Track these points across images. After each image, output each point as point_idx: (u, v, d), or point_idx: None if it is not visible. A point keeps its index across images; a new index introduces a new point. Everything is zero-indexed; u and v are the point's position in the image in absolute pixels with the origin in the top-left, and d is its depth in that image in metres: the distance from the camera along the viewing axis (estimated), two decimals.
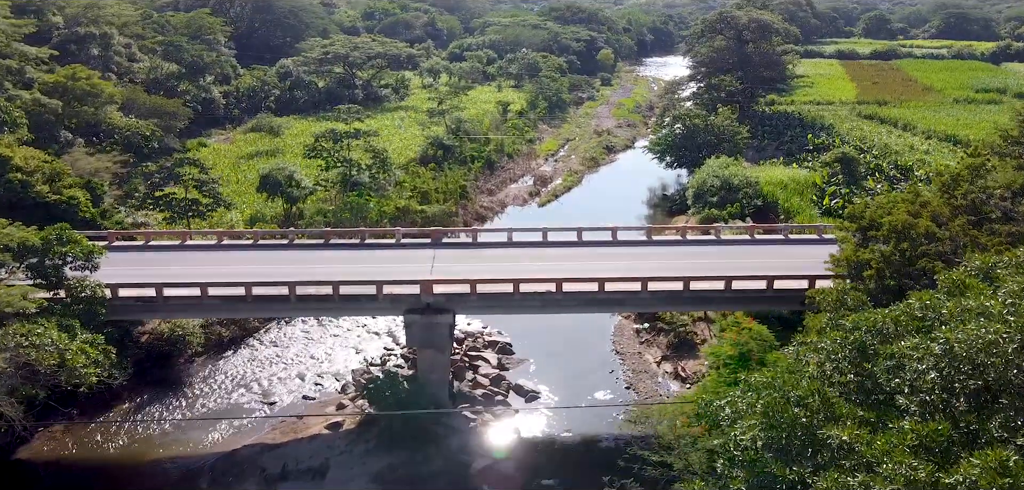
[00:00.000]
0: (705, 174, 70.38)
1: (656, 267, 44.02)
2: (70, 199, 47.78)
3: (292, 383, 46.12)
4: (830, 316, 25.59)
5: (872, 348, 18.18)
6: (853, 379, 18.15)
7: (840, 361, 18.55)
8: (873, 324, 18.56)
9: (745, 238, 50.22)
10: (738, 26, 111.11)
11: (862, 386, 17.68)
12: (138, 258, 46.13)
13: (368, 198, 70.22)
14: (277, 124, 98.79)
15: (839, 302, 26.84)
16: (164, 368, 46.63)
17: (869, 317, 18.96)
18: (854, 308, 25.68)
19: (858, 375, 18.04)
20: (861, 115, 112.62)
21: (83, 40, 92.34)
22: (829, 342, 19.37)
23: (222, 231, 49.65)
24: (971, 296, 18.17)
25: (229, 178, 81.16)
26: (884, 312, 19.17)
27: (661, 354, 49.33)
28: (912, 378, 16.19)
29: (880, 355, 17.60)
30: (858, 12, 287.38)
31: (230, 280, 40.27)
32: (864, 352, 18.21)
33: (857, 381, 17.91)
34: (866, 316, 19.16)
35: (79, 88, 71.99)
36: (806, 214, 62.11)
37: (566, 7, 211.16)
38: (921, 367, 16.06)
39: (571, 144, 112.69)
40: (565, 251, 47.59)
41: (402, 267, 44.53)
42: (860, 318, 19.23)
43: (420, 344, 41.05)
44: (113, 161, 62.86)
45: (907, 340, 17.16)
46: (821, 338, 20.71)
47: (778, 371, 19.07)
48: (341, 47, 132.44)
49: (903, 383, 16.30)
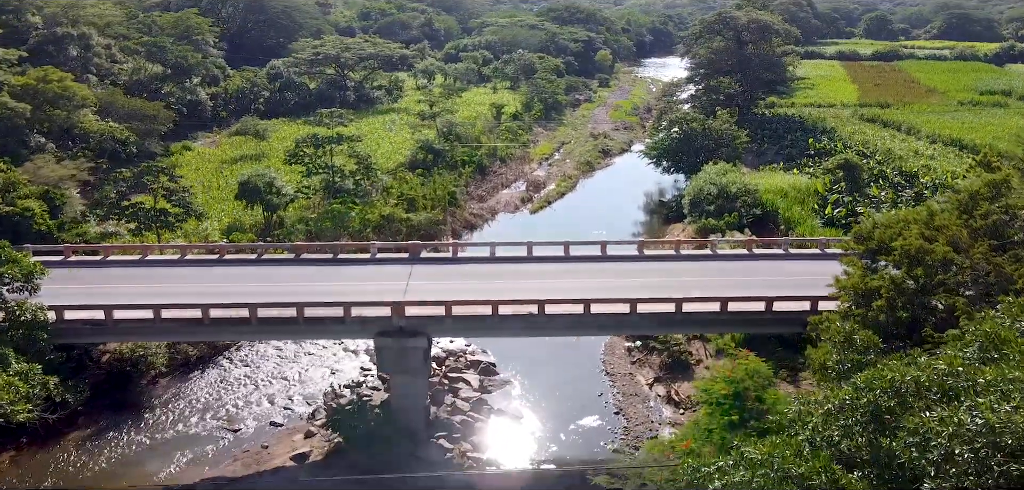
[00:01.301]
0: (702, 181, 67.52)
1: (647, 285, 41.13)
2: (24, 211, 44.98)
3: (260, 408, 43.23)
4: (837, 358, 22.74)
5: (889, 413, 15.33)
6: (866, 449, 15.32)
7: (850, 427, 15.73)
8: (889, 384, 15.71)
9: (743, 253, 47.35)
10: (737, 27, 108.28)
11: (877, 459, 14.87)
12: (94, 274, 43.23)
13: (351, 206, 67.35)
14: (263, 127, 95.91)
15: (846, 342, 23.96)
16: (124, 390, 43.75)
17: (885, 375, 16.10)
18: (863, 350, 22.83)
19: (872, 446, 15.21)
20: (863, 118, 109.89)
21: (61, 41, 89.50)
22: (837, 401, 16.51)
23: (185, 245, 46.79)
24: (1011, 353, 15.33)
25: (210, 184, 78.46)
26: (902, 369, 16.31)
27: (653, 375, 46.45)
28: (940, 457, 13.38)
29: (901, 427, 14.75)
30: (859, 12, 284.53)
31: (186, 301, 37.40)
32: (880, 419, 15.40)
33: (871, 453, 15.08)
34: (881, 374, 16.27)
35: (51, 90, 69.21)
36: (807, 225, 59.27)
37: (564, 8, 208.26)
38: (951, 445, 13.25)
39: (566, 147, 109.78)
40: (551, 267, 44.68)
41: (376, 284, 41.68)
42: (874, 376, 16.36)
43: (393, 370, 38.18)
44: (80, 168, 59.95)
45: (935, 412, 14.33)
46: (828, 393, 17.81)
47: (776, 445, 16.22)
48: (332, 48, 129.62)
49: (929, 465, 13.48)
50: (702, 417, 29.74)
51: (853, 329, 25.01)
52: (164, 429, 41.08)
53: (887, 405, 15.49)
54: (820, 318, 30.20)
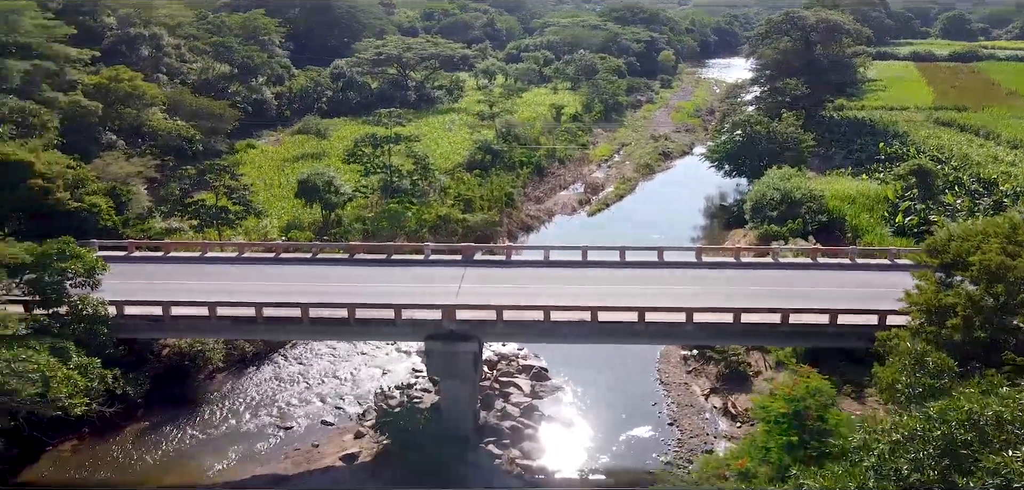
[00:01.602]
0: (765, 186, 65.41)
1: (704, 294, 39.92)
2: (91, 207, 46.16)
3: (312, 406, 43.44)
4: (907, 380, 21.32)
5: (965, 447, 14.08)
6: (938, 486, 14.09)
7: (921, 460, 14.52)
8: (966, 415, 14.44)
9: (806, 261, 45.52)
10: (805, 27, 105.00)
11: None
12: (156, 270, 44.07)
13: (407, 206, 67.48)
14: (324, 126, 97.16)
15: (917, 363, 22.48)
16: (182, 384, 44.47)
17: (961, 406, 14.81)
18: (936, 373, 21.35)
19: (946, 483, 13.99)
20: (938, 122, 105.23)
21: (133, 41, 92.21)
22: (907, 430, 15.29)
23: (243, 243, 47.36)
24: None
25: (272, 181, 79.63)
26: (981, 400, 15.00)
27: (710, 386, 45.06)
28: None
29: (979, 465, 13.52)
30: (936, 11, 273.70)
31: (241, 299, 37.74)
32: (955, 454, 14.15)
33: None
34: (957, 404, 14.98)
35: (121, 90, 71.18)
36: (876, 233, 56.78)
37: (627, 7, 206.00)
38: None
39: (626, 149, 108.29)
40: (606, 273, 43.73)
41: (428, 286, 41.42)
42: (949, 406, 15.08)
43: (442, 374, 37.84)
44: (146, 165, 61.41)
45: (1019, 451, 13.05)
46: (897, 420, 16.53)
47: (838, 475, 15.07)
48: (394, 48, 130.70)
49: None
50: (759, 434, 28.46)
51: (925, 349, 23.48)
52: (218, 424, 41.61)
53: (963, 438, 14.23)
54: (889, 334, 28.62)
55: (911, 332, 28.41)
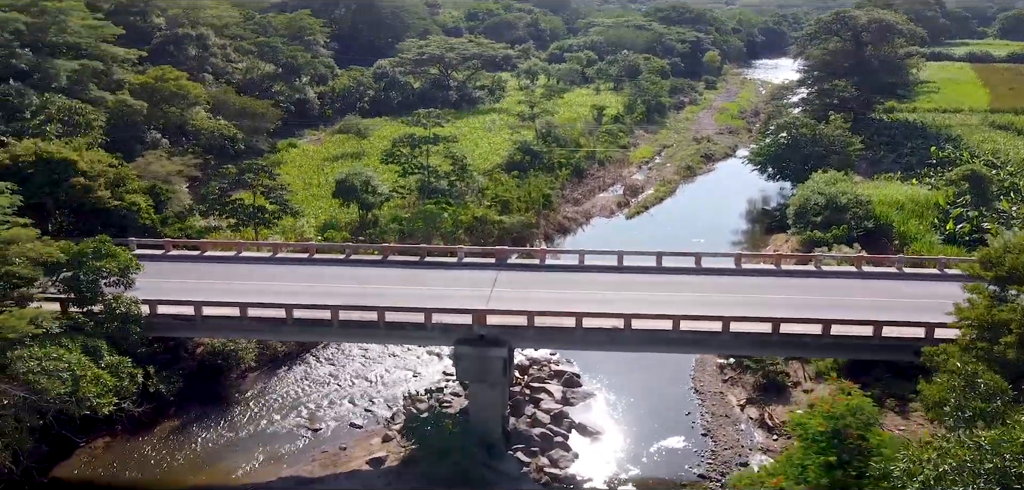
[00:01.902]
0: (809, 191, 63.56)
1: (743, 302, 38.77)
2: (131, 205, 46.79)
3: (341, 408, 43.33)
4: (955, 401, 20.10)
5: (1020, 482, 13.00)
6: None
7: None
8: (1022, 448, 13.34)
9: (851, 270, 43.93)
10: (856, 27, 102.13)
11: None
12: (191, 269, 44.40)
13: (444, 207, 67.25)
14: (364, 126, 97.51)
15: (967, 384, 21.20)
16: (215, 383, 44.77)
17: (1017, 437, 13.71)
18: (988, 396, 20.08)
19: None
20: (994, 125, 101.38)
21: (181, 41, 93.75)
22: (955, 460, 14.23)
23: (278, 243, 47.54)
24: None
25: (311, 180, 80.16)
26: None
27: (746, 396, 43.78)
28: None
29: None
30: (993, 11, 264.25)
31: (274, 299, 37.76)
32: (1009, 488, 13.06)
33: None
34: (1012, 435, 13.87)
35: (167, 89, 72.31)
36: (925, 241, 54.67)
37: (672, 7, 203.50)
38: None
39: (668, 151, 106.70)
40: (641, 278, 42.78)
41: (460, 290, 40.99)
42: (1003, 435, 14.00)
43: (472, 378, 37.35)
44: (187, 164, 62.19)
45: None
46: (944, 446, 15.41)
47: None
48: (436, 48, 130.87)
49: None
50: (797, 452, 27.27)
51: (976, 368, 22.15)
52: (248, 424, 41.73)
53: (1018, 472, 13.15)
54: (937, 349, 27.22)
55: (961, 348, 27.00)
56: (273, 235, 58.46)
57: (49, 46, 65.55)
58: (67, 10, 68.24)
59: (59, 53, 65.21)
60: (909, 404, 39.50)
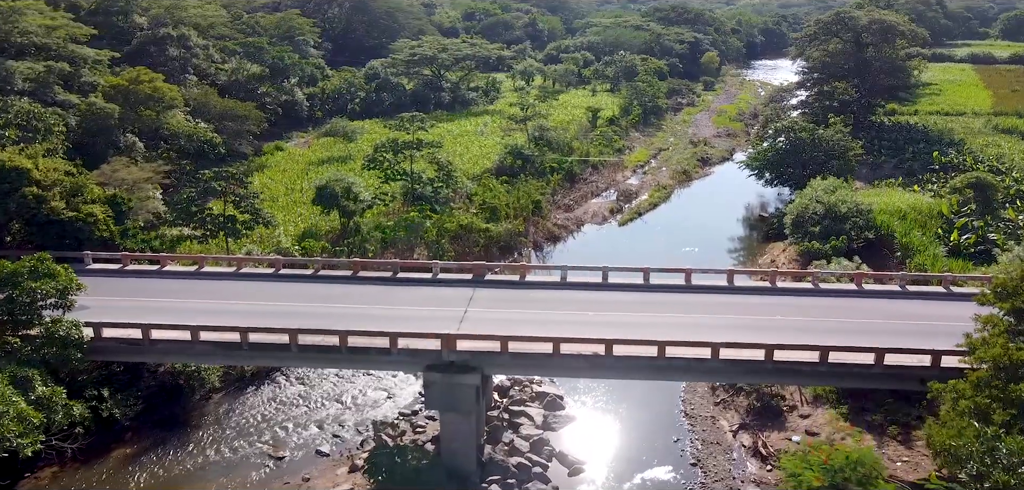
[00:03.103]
0: (807, 198, 60.92)
1: (735, 324, 36.16)
2: (87, 217, 44.11)
3: (308, 433, 40.72)
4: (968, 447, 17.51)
5: None
6: None
7: None
8: None
9: (850, 288, 41.27)
10: (857, 28, 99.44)
11: None
12: (148, 286, 41.79)
13: (428, 214, 64.71)
14: (351, 129, 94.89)
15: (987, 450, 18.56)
16: (177, 405, 42.30)
17: None
18: (1010, 466, 17.48)
19: None
20: (998, 128, 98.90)
21: (162, 41, 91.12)
22: None
23: (241, 258, 44.88)
24: None
25: (294, 185, 77.59)
26: None
27: (739, 420, 41.20)
28: None
29: None
30: (995, 11, 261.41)
31: (231, 322, 35.12)
32: None
33: None
34: None
35: (142, 91, 69.65)
36: (929, 253, 52.03)
37: (671, 8, 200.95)
38: None
39: (663, 154, 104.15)
40: (627, 297, 40.16)
41: (433, 309, 38.42)
42: None
43: (442, 407, 34.76)
44: (156, 170, 59.48)
45: None
46: None
47: None
48: (429, 49, 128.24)
49: None
50: None
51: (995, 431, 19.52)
52: (208, 450, 39.14)
53: None
54: (945, 387, 24.62)
55: (972, 385, 24.39)
56: (249, 245, 55.88)
57: (15, 47, 62.79)
58: (20, 9, 65.12)
59: (26, 55, 62.50)
60: (913, 432, 37.01)
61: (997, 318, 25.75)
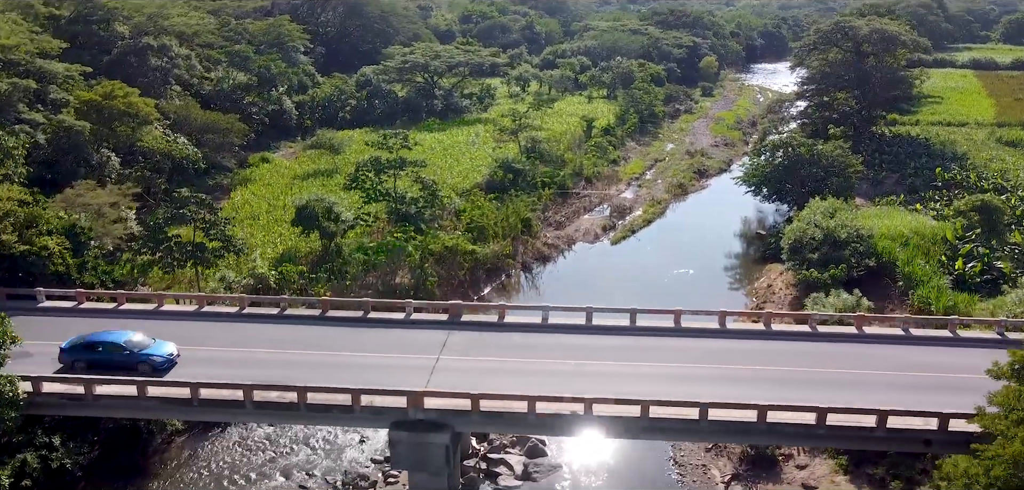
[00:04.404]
0: (805, 222, 58.38)
1: (726, 376, 33.73)
2: (41, 250, 41.57)
3: (274, 483, 38.24)
4: None
5: None
6: None
7: None
8: None
9: (850, 332, 38.71)
10: (857, 38, 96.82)
11: None
12: (101, 328, 39.07)
13: (411, 235, 62.21)
14: (338, 141, 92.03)
15: None
16: (135, 451, 39.78)
17: None
18: None
19: None
20: (1001, 141, 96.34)
21: (143, 52, 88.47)
22: None
23: (203, 296, 42.35)
24: None
25: (276, 202, 74.99)
26: None
27: (731, 470, 38.74)
28: None
29: None
30: (996, 13, 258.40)
31: (187, 369, 32.59)
32: None
33: None
34: None
35: (115, 107, 67.03)
36: (933, 284, 49.35)
37: (670, 11, 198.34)
38: None
39: (659, 165, 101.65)
40: (613, 342, 37.66)
41: (403, 357, 36.00)
42: None
43: (409, 467, 32.35)
44: (125, 193, 56.77)
45: None
46: None
47: None
48: (421, 56, 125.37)
49: None
50: None
51: None
52: None
53: None
54: (957, 470, 22.12)
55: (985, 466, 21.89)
56: (224, 270, 53.30)
57: None
58: None
59: None
60: (917, 487, 34.63)
61: (1016, 400, 23.19)
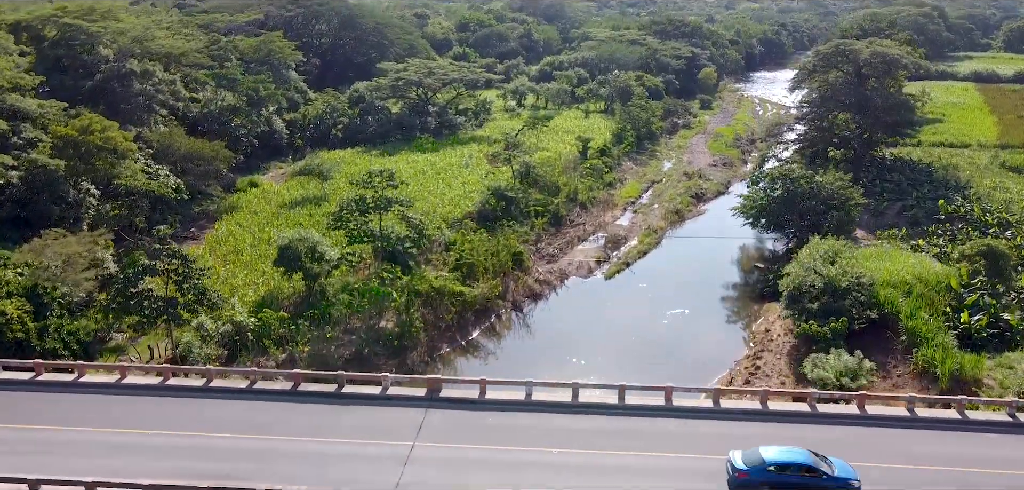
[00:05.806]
0: (803, 269, 56.10)
1: (721, 469, 31.58)
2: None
3: None
4: None
5: None
6: None
7: None
8: None
9: (854, 413, 36.54)
10: (858, 61, 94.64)
11: None
12: (54, 406, 36.56)
13: (398, 275, 60.11)
14: (328, 166, 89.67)
15: None
16: None
17: None
18: None
19: None
20: (1004, 165, 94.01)
21: (126, 77, 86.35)
22: None
23: (168, 367, 40.19)
24: None
25: (262, 235, 72.75)
26: None
27: None
28: None
29: None
30: (997, 18, 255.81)
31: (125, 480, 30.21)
32: None
33: None
34: None
35: (92, 142, 64.95)
36: (937, 341, 47.08)
37: (668, 20, 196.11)
38: None
39: (656, 187, 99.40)
40: (598, 424, 35.54)
41: (375, 446, 33.88)
42: None
43: None
44: (96, 241, 54.48)
45: None
46: None
47: None
48: (414, 73, 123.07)
49: None
50: None
51: None
52: None
53: None
54: None
55: None
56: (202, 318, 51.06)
57: None
58: None
59: None
60: None
61: None
